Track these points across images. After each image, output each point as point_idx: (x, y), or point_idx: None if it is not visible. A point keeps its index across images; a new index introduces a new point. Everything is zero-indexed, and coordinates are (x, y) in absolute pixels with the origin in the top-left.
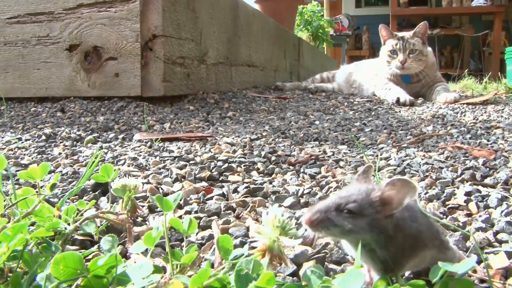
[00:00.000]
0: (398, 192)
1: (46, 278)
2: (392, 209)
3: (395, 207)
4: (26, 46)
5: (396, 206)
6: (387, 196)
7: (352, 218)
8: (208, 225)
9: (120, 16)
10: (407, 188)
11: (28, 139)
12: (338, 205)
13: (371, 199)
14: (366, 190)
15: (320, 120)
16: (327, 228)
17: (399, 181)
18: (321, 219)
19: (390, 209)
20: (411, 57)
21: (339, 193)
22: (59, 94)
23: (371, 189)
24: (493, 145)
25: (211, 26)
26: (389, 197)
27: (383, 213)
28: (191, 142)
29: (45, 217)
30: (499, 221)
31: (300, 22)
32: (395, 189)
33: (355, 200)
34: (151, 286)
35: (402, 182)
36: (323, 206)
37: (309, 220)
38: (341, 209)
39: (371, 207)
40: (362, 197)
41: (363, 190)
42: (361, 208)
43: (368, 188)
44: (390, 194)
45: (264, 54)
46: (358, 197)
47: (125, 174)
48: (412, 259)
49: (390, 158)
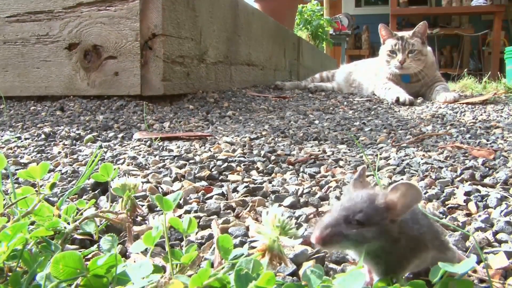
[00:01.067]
0: (402, 197)
1: (46, 278)
2: (397, 214)
3: (400, 212)
4: (25, 45)
5: (401, 211)
6: (391, 202)
7: (362, 229)
8: (207, 224)
9: (120, 15)
10: (411, 193)
11: (28, 138)
12: (346, 217)
13: (377, 206)
14: (370, 197)
15: (319, 119)
16: (340, 243)
17: (403, 186)
18: (333, 234)
19: (395, 214)
20: (410, 56)
21: (342, 204)
22: (58, 93)
23: (375, 195)
24: (493, 145)
25: (210, 25)
26: (394, 202)
27: (389, 218)
28: (191, 141)
29: (44, 216)
30: (498, 221)
31: (300, 21)
32: (399, 193)
33: (361, 209)
34: (150, 285)
35: (407, 186)
36: (331, 220)
37: (320, 238)
38: (349, 220)
39: (378, 215)
40: (368, 205)
41: (366, 197)
42: (369, 217)
43: (372, 195)
44: (394, 199)
45: (264, 53)
46: (363, 206)
47: (125, 173)
48: (414, 260)
49: (389, 157)
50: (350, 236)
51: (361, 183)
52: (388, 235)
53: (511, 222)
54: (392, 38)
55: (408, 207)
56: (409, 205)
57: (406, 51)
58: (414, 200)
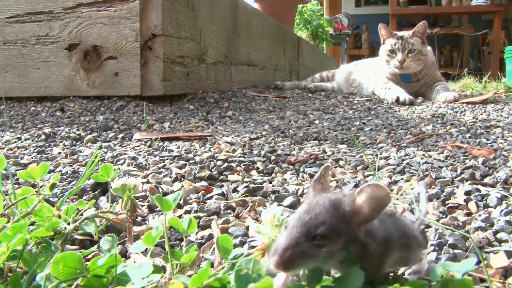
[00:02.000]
0: (370, 200)
1: (46, 278)
2: (366, 219)
3: (369, 217)
4: (25, 46)
5: (370, 216)
6: (358, 206)
7: (327, 242)
8: (207, 224)
9: (120, 15)
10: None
11: (28, 138)
12: (307, 233)
13: (342, 213)
14: (332, 203)
15: (319, 119)
16: (305, 264)
17: (370, 187)
18: (295, 257)
19: (363, 220)
20: (410, 56)
21: (300, 216)
22: (58, 94)
23: (338, 200)
24: (493, 144)
25: (210, 25)
26: (361, 206)
27: (356, 225)
28: (191, 141)
29: (44, 216)
30: (498, 220)
31: (300, 21)
32: (366, 196)
33: (324, 221)
34: (150, 286)
35: (374, 188)
36: (290, 240)
37: (280, 262)
38: (311, 236)
39: (344, 223)
40: (331, 214)
41: (329, 204)
42: (334, 228)
43: (334, 200)
44: (362, 203)
45: (264, 53)
46: (326, 216)
47: (125, 173)
48: (386, 262)
49: (389, 157)
50: (315, 255)
51: (322, 185)
52: (356, 242)
53: (511, 222)
54: (392, 38)
55: (377, 211)
56: (378, 209)
57: (406, 51)
58: (383, 203)
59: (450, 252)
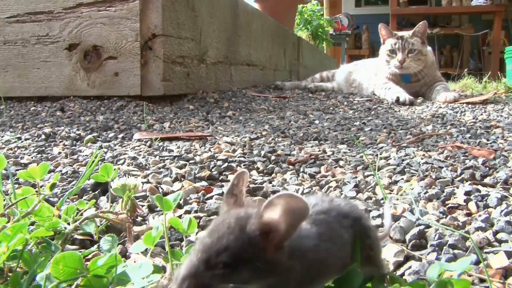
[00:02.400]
0: (285, 213)
1: (46, 278)
2: (282, 237)
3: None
4: (25, 45)
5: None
6: (268, 222)
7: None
8: (207, 224)
9: (120, 15)
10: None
11: (28, 138)
12: (207, 261)
13: (248, 234)
14: (237, 222)
15: (319, 119)
16: None
17: (282, 199)
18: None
19: (279, 238)
20: (410, 56)
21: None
22: (58, 94)
23: (245, 217)
24: (493, 144)
25: (210, 25)
26: (272, 222)
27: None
28: (191, 141)
29: (44, 216)
30: (498, 221)
31: (300, 21)
32: (279, 210)
33: (226, 246)
34: (151, 286)
35: (287, 199)
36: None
37: None
38: (212, 265)
39: (251, 246)
40: (235, 236)
41: (234, 223)
42: (238, 254)
43: (240, 218)
44: (273, 218)
45: (264, 53)
46: (229, 240)
47: (125, 173)
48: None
49: (389, 157)
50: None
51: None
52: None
53: (511, 222)
54: (392, 38)
55: (294, 225)
56: (296, 223)
57: (406, 51)
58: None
59: (450, 253)
